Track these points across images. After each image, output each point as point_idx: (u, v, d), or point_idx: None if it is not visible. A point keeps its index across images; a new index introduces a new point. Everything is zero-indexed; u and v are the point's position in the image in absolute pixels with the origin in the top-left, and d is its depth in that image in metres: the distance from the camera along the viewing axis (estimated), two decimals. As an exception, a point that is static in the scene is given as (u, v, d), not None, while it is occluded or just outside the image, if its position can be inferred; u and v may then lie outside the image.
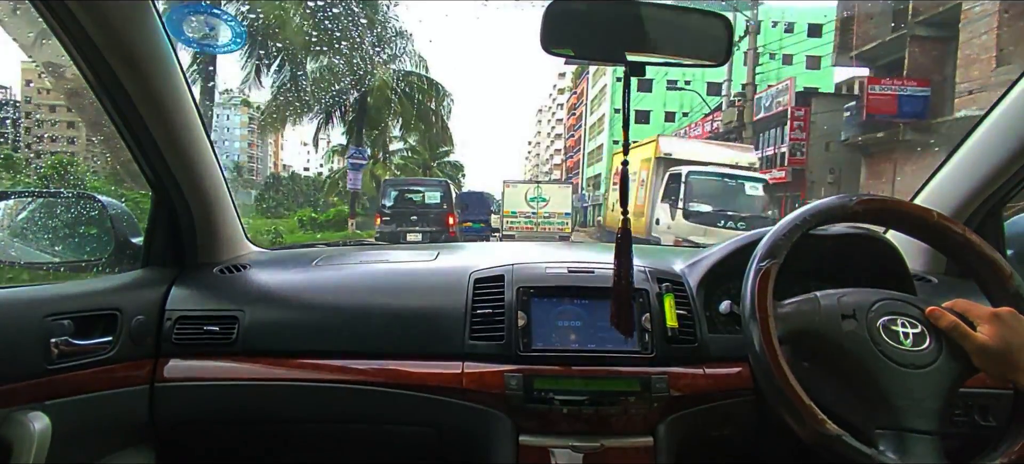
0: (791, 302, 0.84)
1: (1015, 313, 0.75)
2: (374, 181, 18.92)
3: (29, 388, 0.83)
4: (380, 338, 1.02)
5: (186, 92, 1.04)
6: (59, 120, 15.81)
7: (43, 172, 5.51)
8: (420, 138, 22.28)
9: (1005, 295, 0.80)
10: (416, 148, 24.45)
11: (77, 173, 4.90)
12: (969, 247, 0.84)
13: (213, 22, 1.50)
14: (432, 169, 25.21)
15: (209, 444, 1.07)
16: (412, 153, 25.25)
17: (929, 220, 0.86)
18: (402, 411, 0.98)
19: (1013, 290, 0.80)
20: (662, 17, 0.81)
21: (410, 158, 25.35)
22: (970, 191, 1.11)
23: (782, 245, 0.82)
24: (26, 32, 0.95)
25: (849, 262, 1.02)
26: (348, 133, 19.18)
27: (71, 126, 14.18)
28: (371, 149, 20.03)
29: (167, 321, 1.03)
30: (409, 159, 25.41)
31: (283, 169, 49.64)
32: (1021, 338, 0.73)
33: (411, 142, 23.63)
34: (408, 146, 24.49)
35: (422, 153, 24.74)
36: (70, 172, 4.80)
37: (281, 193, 29.20)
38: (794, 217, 0.84)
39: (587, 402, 0.93)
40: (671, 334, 0.97)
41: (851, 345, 0.77)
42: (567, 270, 1.06)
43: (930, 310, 0.79)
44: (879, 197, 0.87)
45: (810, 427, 0.72)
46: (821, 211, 0.85)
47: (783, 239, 0.82)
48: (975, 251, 0.83)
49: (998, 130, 1.07)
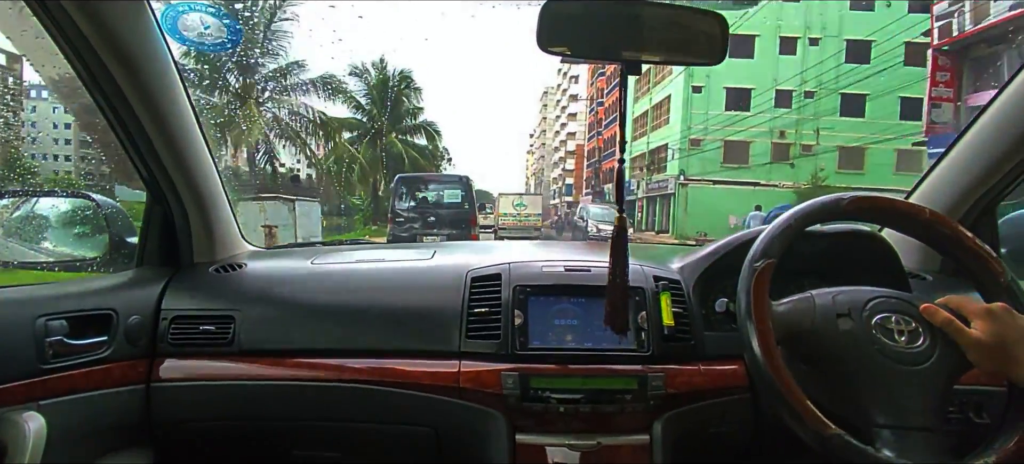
0: (787, 302, 0.84)
1: (1008, 308, 0.75)
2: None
3: (24, 388, 0.82)
4: (376, 337, 1.02)
5: (181, 91, 1.03)
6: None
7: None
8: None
9: (997, 289, 0.81)
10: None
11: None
12: (960, 243, 0.84)
13: (208, 21, 1.48)
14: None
15: (205, 444, 1.06)
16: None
17: (921, 217, 0.86)
18: (398, 410, 0.98)
19: (1004, 284, 0.81)
20: (658, 15, 0.81)
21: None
22: (965, 189, 1.12)
23: (777, 245, 0.82)
24: (20, 30, 0.94)
25: (845, 260, 1.03)
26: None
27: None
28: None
29: (163, 321, 1.03)
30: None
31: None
32: (1015, 333, 0.73)
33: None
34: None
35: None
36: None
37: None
38: (788, 217, 0.85)
39: (584, 400, 0.93)
40: (667, 332, 0.97)
41: (847, 344, 0.78)
42: (564, 268, 1.06)
43: (924, 307, 0.79)
44: (871, 195, 0.87)
45: (810, 428, 0.73)
46: (814, 211, 0.85)
47: (777, 239, 0.83)
48: (966, 246, 0.84)
49: (992, 128, 1.07)
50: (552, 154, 66.28)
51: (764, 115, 22.60)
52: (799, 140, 23.61)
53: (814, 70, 21.54)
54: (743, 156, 23.74)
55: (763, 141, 23.60)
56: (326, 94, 19.92)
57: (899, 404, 0.73)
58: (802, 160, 22.73)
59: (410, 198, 9.84)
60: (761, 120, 22.67)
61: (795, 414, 0.73)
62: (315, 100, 19.54)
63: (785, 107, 23.21)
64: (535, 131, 78.32)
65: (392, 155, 23.07)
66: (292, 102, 19.29)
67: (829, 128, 22.71)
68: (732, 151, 23.80)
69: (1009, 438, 0.73)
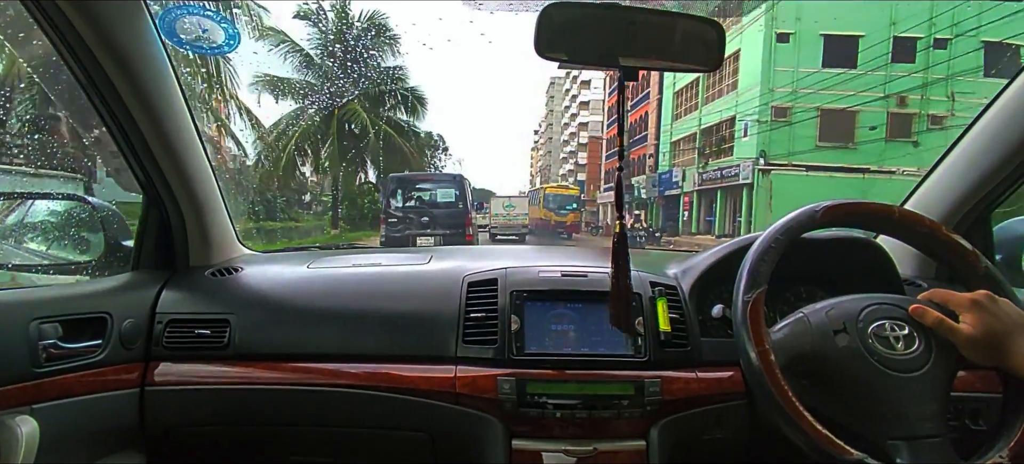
0: (782, 326, 0.84)
1: (990, 295, 0.76)
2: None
3: (17, 392, 0.82)
4: (373, 342, 1.01)
5: (178, 93, 1.03)
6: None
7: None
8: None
9: (976, 277, 0.82)
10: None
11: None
12: (934, 236, 0.85)
13: (206, 24, 1.47)
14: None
15: (200, 448, 1.06)
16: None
17: (893, 216, 0.87)
18: (395, 415, 0.98)
19: (982, 271, 0.82)
20: (655, 22, 0.82)
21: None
22: (959, 196, 1.12)
23: (764, 272, 0.82)
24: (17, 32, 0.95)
25: (840, 266, 1.03)
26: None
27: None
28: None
29: (158, 324, 1.02)
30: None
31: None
32: (1002, 322, 0.74)
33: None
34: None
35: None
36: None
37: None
38: (766, 239, 0.85)
39: (580, 406, 0.93)
40: (664, 338, 0.97)
41: (848, 362, 0.78)
42: (560, 274, 1.06)
43: (913, 308, 0.79)
44: (842, 202, 0.87)
45: (832, 455, 0.73)
46: (791, 227, 0.85)
47: (762, 266, 0.83)
48: (940, 239, 0.85)
49: (986, 135, 1.08)
50: (560, 148, 61.14)
51: (878, 74, 15.98)
52: (926, 109, 16.49)
53: (947, 8, 15.14)
54: (847, 131, 17.13)
55: (875, 111, 16.48)
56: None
57: (908, 414, 0.74)
58: (929, 136, 15.74)
59: (403, 198, 9.79)
60: (873, 81, 15.84)
61: (819, 449, 0.73)
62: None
63: (907, 62, 16.30)
64: (541, 125, 73.32)
65: (353, 134, 17.37)
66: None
67: (968, 92, 15.14)
68: (831, 125, 17.05)
69: (1011, 433, 0.74)
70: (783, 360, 0.79)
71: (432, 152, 21.50)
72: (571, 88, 54.11)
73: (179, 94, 1.03)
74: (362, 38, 17.24)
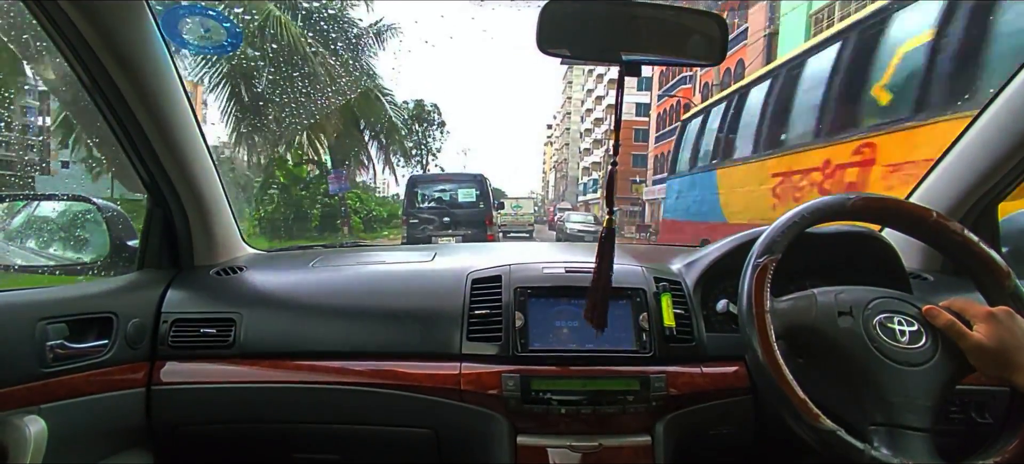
0: (788, 298, 0.84)
1: (1011, 312, 0.75)
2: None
3: (25, 392, 0.82)
4: (377, 339, 1.01)
5: (181, 93, 1.03)
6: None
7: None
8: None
9: (1002, 295, 0.81)
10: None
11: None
12: (967, 247, 0.84)
13: (209, 24, 1.47)
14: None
15: (206, 447, 1.06)
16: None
17: (928, 219, 0.86)
18: (400, 412, 0.98)
19: (1010, 290, 0.81)
20: (657, 17, 0.81)
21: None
22: (965, 188, 1.12)
23: (779, 241, 0.82)
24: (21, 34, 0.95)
25: (846, 260, 1.02)
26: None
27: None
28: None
29: (163, 324, 1.03)
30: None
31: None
32: (1017, 338, 0.73)
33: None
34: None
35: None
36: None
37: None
38: (792, 214, 0.85)
39: (585, 402, 0.93)
40: (669, 333, 0.97)
41: (847, 342, 0.78)
42: (564, 270, 1.06)
43: (927, 309, 0.79)
44: (878, 196, 0.87)
45: (805, 422, 0.73)
46: (819, 209, 0.85)
47: (781, 236, 0.83)
48: (973, 251, 0.84)
49: (993, 127, 1.07)
50: (579, 140, 56.81)
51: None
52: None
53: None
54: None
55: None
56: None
57: (896, 403, 0.73)
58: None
59: (424, 199, 9.64)
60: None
61: (792, 408, 0.74)
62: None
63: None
64: (556, 116, 69.45)
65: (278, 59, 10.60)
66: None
67: None
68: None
69: (1010, 440, 0.73)
70: (781, 328, 0.79)
71: (423, 127, 19.82)
72: (594, 68, 46.90)
73: (182, 94, 1.04)
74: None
